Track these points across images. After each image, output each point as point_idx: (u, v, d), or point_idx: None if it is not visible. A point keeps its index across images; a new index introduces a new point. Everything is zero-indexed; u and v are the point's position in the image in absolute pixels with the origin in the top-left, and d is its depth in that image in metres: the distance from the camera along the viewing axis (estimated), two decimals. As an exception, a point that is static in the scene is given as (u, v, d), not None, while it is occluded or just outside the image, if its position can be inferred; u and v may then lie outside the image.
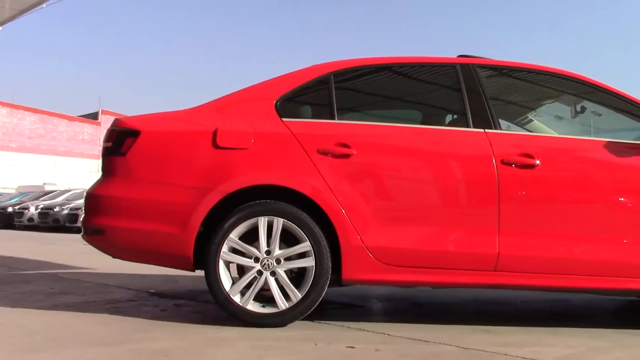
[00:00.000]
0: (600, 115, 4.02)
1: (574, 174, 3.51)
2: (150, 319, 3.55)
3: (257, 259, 3.34)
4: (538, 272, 3.41)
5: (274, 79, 3.78)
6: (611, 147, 3.51)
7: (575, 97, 4.03)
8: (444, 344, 3.00)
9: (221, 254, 3.33)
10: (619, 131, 3.87)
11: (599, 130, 4.09)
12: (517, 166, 3.40)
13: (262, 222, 3.34)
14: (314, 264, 3.32)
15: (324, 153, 3.42)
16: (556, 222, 3.43)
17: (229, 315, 3.35)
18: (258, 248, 3.34)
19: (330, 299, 4.39)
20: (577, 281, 3.43)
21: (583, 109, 4.03)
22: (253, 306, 3.33)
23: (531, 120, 4.23)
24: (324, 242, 3.33)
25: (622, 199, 3.45)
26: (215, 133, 3.48)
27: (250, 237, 3.37)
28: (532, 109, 4.36)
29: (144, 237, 3.47)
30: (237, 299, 3.33)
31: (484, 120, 3.56)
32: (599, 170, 3.51)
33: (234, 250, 3.37)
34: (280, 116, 3.57)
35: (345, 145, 3.43)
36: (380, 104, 4.13)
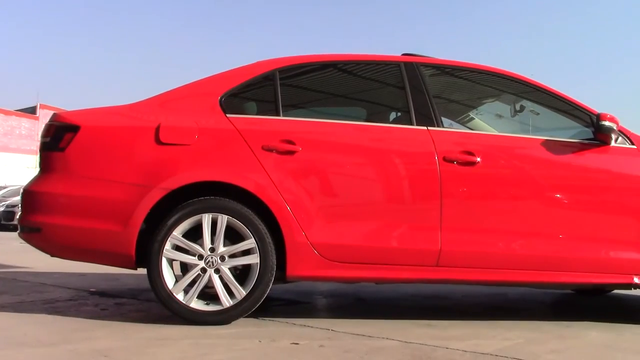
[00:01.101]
0: (538, 114, 4.14)
1: (513, 171, 3.61)
2: (90, 318, 3.47)
3: (200, 257, 3.30)
4: (478, 267, 3.50)
5: (218, 74, 3.74)
6: (548, 145, 3.62)
7: (515, 97, 4.14)
8: (387, 338, 3.04)
9: (164, 251, 3.29)
10: (556, 130, 3.98)
11: (537, 129, 4.22)
12: (459, 163, 3.47)
13: (206, 219, 3.31)
14: (258, 261, 3.31)
15: (268, 149, 3.41)
16: (496, 218, 3.51)
17: (172, 313, 3.30)
18: (202, 245, 3.31)
19: (275, 296, 4.38)
20: (516, 275, 3.53)
21: (522, 108, 4.14)
22: (196, 304, 3.30)
23: (472, 119, 4.33)
24: (268, 239, 3.32)
25: (558, 196, 3.56)
26: (158, 129, 3.42)
27: (194, 234, 3.33)
28: (474, 107, 4.45)
29: (83, 235, 3.38)
30: (180, 297, 3.29)
31: (427, 118, 3.61)
32: (537, 168, 3.61)
33: (177, 248, 3.32)
34: (225, 112, 3.54)
35: (290, 142, 3.43)
36: (326, 101, 4.14)
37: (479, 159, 3.49)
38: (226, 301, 3.28)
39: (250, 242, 3.31)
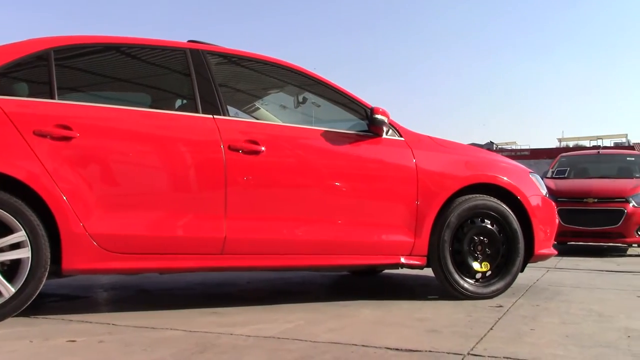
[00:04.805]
0: (319, 106, 4.35)
1: (296, 160, 3.75)
2: None
3: (-40, 252, 2.97)
4: (263, 254, 3.60)
5: (-18, 51, 3.37)
6: (328, 135, 3.82)
7: (298, 88, 4.30)
8: (171, 329, 3.00)
9: None
10: (336, 121, 4.21)
11: (319, 120, 4.43)
12: (244, 152, 3.52)
13: (-33, 211, 2.98)
14: (30, 255, 3.06)
15: (41, 135, 3.15)
16: (280, 206, 3.63)
17: None
18: (-38, 240, 2.97)
19: (50, 292, 4.10)
20: (299, 260, 3.70)
21: (305, 100, 4.32)
22: (-44, 305, 2.96)
23: (258, 109, 4.42)
24: (42, 232, 3.08)
25: (337, 184, 3.77)
26: None
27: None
28: (259, 97, 4.55)
29: None
30: None
31: (213, 107, 3.61)
32: (318, 157, 3.79)
33: None
34: (-10, 93, 3.20)
35: (66, 127, 3.20)
36: (107, 85, 3.93)
37: (263, 148, 3.57)
38: (-9, 300, 2.99)
39: (20, 235, 3.04)
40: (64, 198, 3.13)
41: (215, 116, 3.57)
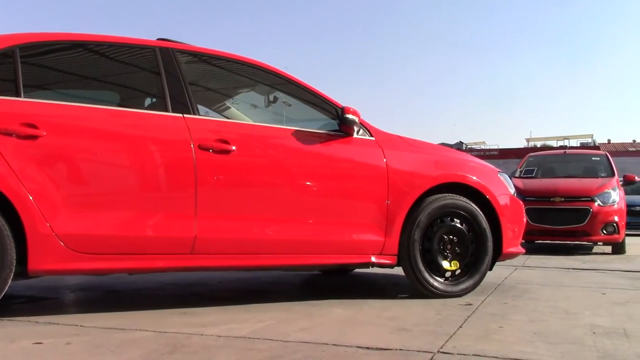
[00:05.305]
0: (290, 105, 4.34)
1: (267, 159, 3.74)
2: None
3: None
4: (234, 253, 3.58)
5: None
6: (299, 135, 3.82)
7: (269, 88, 4.29)
8: (140, 329, 2.96)
9: None
10: (307, 121, 4.21)
11: (290, 120, 4.42)
12: (214, 151, 3.50)
13: None
14: (-7, 257, 2.99)
15: (6, 134, 3.09)
16: (251, 205, 3.61)
17: None
18: None
19: (16, 293, 4.03)
20: (270, 260, 3.70)
21: (275, 99, 4.31)
22: None
23: (229, 108, 4.40)
24: (7, 232, 3.02)
25: (309, 183, 3.77)
26: None
27: None
28: (230, 96, 4.52)
29: None
30: None
31: (183, 105, 3.58)
32: (289, 157, 3.79)
33: None
34: (-47, 90, 3.13)
35: (32, 126, 3.14)
36: (75, 83, 3.86)
37: (234, 148, 3.55)
38: (-45, 302, 2.92)
39: (-16, 235, 2.98)
40: (30, 198, 3.08)
41: (185, 115, 3.54)
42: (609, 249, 8.92)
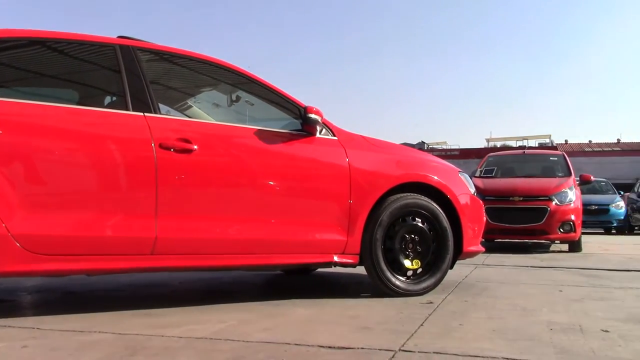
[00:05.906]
0: (253, 104, 4.33)
1: (229, 159, 3.72)
2: None
3: None
4: (195, 254, 3.55)
5: None
6: (262, 135, 3.81)
7: (232, 87, 4.27)
8: (99, 332, 2.92)
9: None
10: (270, 120, 4.20)
11: (253, 119, 4.40)
12: (176, 151, 3.46)
13: None
14: (-53, 258, 2.91)
15: (-40, 131, 3.01)
16: (212, 205, 3.59)
17: None
18: None
19: (-30, 296, 3.92)
20: (231, 260, 3.67)
21: (238, 98, 4.30)
22: None
23: (190, 107, 4.35)
24: (-40, 233, 2.94)
25: (271, 183, 3.77)
26: None
27: None
28: (192, 95, 4.49)
29: None
30: None
31: (144, 104, 3.53)
32: (252, 156, 3.77)
33: None
34: None
35: (-13, 124, 3.07)
36: (32, 80, 3.78)
37: (195, 147, 3.52)
38: None
39: (-64, 237, 2.90)
40: (-15, 198, 3.00)
41: (145, 114, 3.50)
42: (566, 247, 9.12)
